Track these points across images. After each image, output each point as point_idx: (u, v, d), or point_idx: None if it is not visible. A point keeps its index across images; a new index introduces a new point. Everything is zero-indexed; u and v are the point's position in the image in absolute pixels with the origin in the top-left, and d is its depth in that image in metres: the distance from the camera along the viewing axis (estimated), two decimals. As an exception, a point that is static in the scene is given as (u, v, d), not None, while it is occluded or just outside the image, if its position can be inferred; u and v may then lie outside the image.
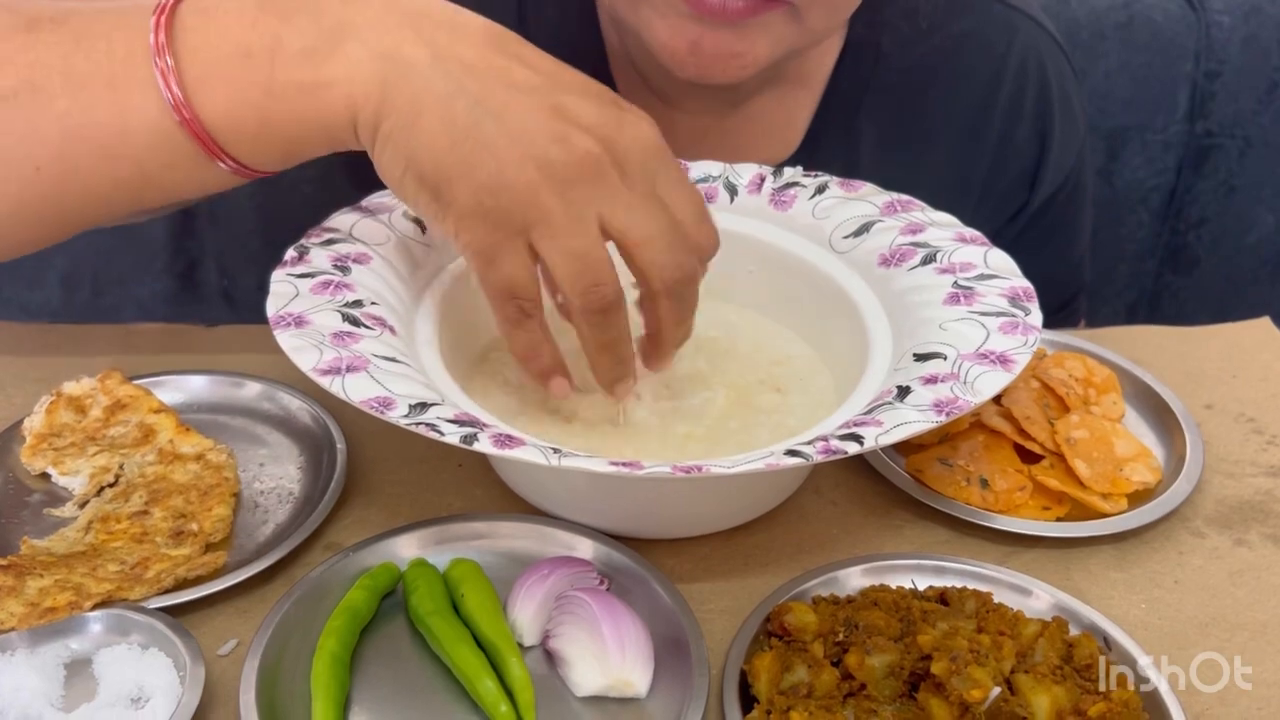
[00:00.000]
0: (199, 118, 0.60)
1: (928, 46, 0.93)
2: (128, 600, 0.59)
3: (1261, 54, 1.27)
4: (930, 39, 0.93)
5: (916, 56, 0.93)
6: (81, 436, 0.70)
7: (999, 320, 0.65)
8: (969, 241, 0.72)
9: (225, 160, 0.62)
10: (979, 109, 0.95)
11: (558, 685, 0.56)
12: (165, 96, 0.60)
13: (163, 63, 0.60)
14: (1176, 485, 0.69)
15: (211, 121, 0.61)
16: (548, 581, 0.59)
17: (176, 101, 0.60)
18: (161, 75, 0.60)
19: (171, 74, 0.60)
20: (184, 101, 0.60)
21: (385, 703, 0.55)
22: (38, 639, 0.57)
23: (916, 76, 0.93)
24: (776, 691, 0.54)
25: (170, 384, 0.74)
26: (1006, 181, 0.97)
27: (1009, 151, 0.96)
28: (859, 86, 0.93)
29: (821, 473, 0.70)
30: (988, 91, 0.94)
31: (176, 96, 0.60)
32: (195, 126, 0.61)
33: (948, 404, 0.59)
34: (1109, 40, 1.26)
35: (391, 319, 0.65)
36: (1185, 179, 1.32)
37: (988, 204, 0.96)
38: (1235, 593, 0.64)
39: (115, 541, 0.63)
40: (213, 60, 0.60)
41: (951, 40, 0.93)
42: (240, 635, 0.59)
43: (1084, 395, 0.74)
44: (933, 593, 0.60)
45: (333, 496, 0.66)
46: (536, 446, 0.56)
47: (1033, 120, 0.96)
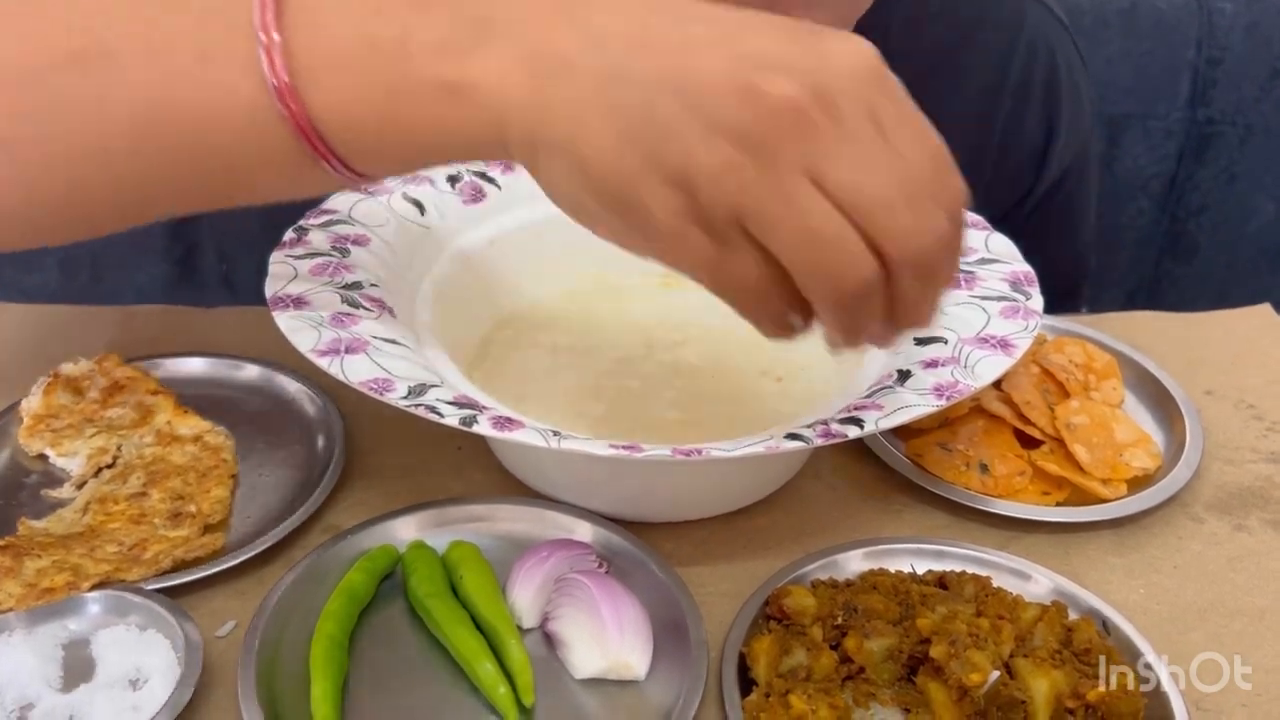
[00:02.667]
0: (307, 112, 0.50)
1: (937, 31, 0.93)
2: (126, 581, 0.59)
3: (1264, 41, 1.27)
4: (940, 23, 0.93)
5: (926, 42, 0.93)
6: (79, 418, 0.70)
7: (1000, 305, 0.65)
8: (970, 226, 0.72)
9: (332, 163, 0.52)
10: (989, 92, 0.95)
11: (557, 667, 0.56)
12: (268, 80, 0.49)
13: (268, 39, 0.49)
14: (1176, 471, 0.69)
15: (322, 118, 0.50)
16: (547, 564, 0.59)
17: (281, 87, 0.49)
18: (265, 54, 0.49)
19: (278, 53, 0.49)
20: (290, 89, 0.49)
21: (384, 684, 0.55)
22: (35, 620, 0.56)
23: (927, 61, 0.93)
24: (775, 674, 0.54)
25: (168, 365, 0.74)
26: (1014, 163, 0.97)
27: (1018, 134, 0.96)
28: None
29: (821, 457, 0.70)
30: (997, 75, 0.94)
31: (282, 82, 0.49)
32: (302, 121, 0.50)
33: (948, 388, 0.59)
34: (1111, 27, 1.25)
35: (390, 301, 0.65)
36: (1186, 166, 1.32)
37: (996, 187, 0.96)
38: (1234, 578, 0.64)
39: (113, 523, 0.63)
40: (328, 47, 0.50)
41: (961, 24, 0.94)
42: (239, 617, 0.59)
43: (1084, 381, 0.74)
44: (932, 577, 0.60)
45: (331, 478, 0.66)
46: (535, 429, 0.55)
47: (1041, 103, 0.96)
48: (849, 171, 0.45)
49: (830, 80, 0.45)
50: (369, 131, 0.51)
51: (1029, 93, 0.95)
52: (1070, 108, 0.97)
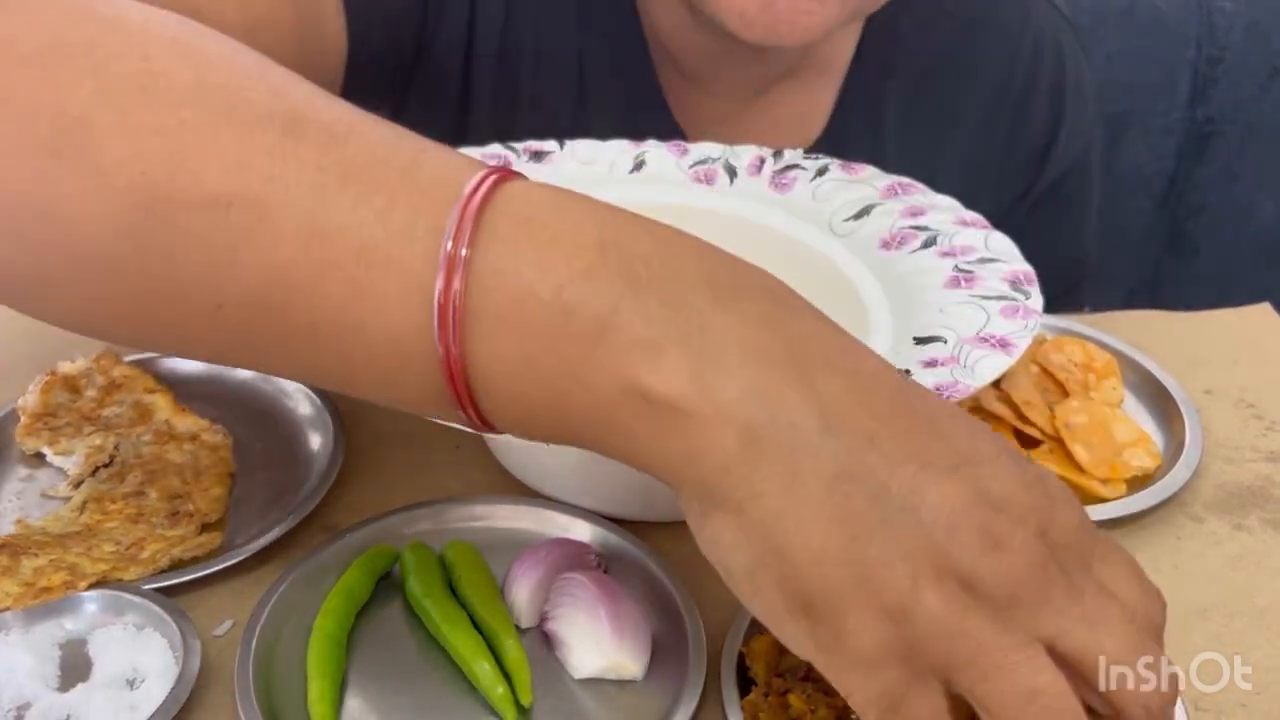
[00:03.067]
0: (466, 365, 0.42)
1: (945, 30, 0.93)
2: (123, 580, 0.58)
3: (1263, 40, 1.27)
4: (948, 22, 0.93)
5: (935, 40, 0.93)
6: (76, 416, 0.70)
7: (999, 304, 0.65)
8: (970, 225, 0.72)
9: (469, 414, 0.44)
10: (996, 89, 0.95)
11: (555, 667, 0.56)
12: (433, 322, 0.42)
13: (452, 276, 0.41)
14: (1176, 470, 0.69)
15: (479, 370, 0.42)
16: (545, 563, 0.59)
17: (445, 337, 0.41)
18: (444, 289, 0.41)
19: (457, 295, 0.41)
20: (456, 344, 0.42)
21: (382, 684, 0.55)
22: (32, 619, 0.56)
23: (935, 60, 0.94)
24: (774, 674, 0.54)
25: (166, 364, 0.74)
26: (1019, 159, 0.97)
27: (1023, 129, 0.96)
28: (880, 71, 0.93)
29: (820, 456, 0.70)
30: (1004, 72, 0.95)
31: (448, 334, 0.41)
32: (455, 366, 0.42)
33: (947, 387, 0.59)
34: (1111, 25, 1.25)
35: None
36: (1186, 165, 1.32)
37: (1002, 184, 0.97)
38: (1234, 578, 0.64)
39: (110, 522, 0.62)
40: (512, 297, 0.41)
41: (968, 23, 0.94)
42: (236, 616, 0.59)
43: (1083, 380, 0.74)
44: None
45: (329, 478, 0.65)
46: (534, 428, 0.55)
47: (1047, 100, 0.96)
48: (1086, 633, 0.41)
49: (1059, 535, 0.41)
50: (529, 407, 0.43)
51: (1035, 92, 0.96)
52: (1075, 106, 0.97)
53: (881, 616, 0.39)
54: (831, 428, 0.40)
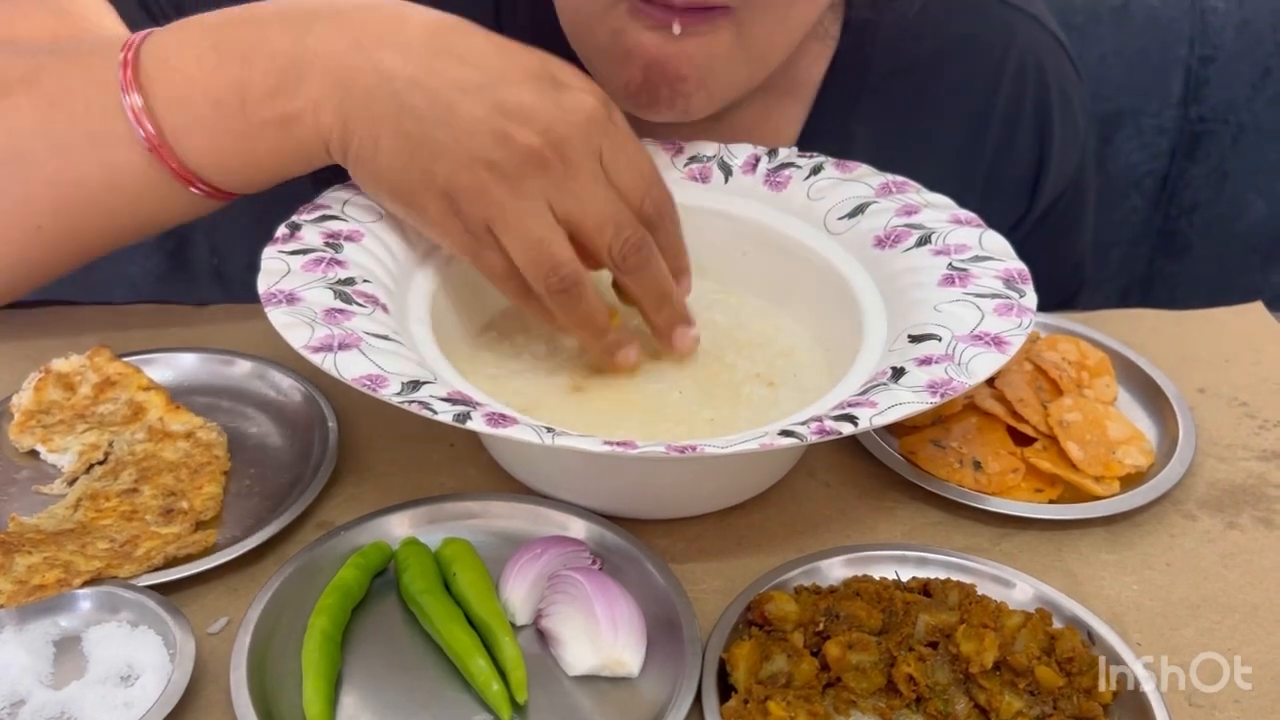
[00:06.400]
0: (184, 164, 0.67)
1: (922, 50, 0.90)
2: (117, 578, 0.58)
3: (1255, 40, 1.27)
4: (925, 43, 0.90)
5: (910, 61, 0.90)
6: (70, 414, 0.69)
7: (994, 302, 0.65)
8: (964, 223, 0.72)
9: (215, 196, 0.69)
10: (976, 115, 0.92)
11: (550, 664, 0.56)
12: (145, 147, 0.66)
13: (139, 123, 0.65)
14: (1169, 468, 0.69)
15: (197, 164, 0.67)
16: (540, 561, 0.59)
17: (152, 143, 0.66)
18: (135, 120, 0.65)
19: (145, 117, 0.65)
20: (166, 148, 0.66)
21: (377, 681, 0.55)
22: (26, 616, 0.56)
23: (911, 81, 0.90)
24: (755, 681, 0.54)
25: (160, 361, 0.74)
26: (1005, 190, 0.94)
27: (1007, 158, 0.93)
28: (851, 93, 0.90)
29: (815, 454, 0.70)
30: (985, 96, 0.92)
31: (153, 139, 0.66)
32: (182, 173, 0.67)
33: (942, 385, 0.59)
34: (1104, 24, 1.25)
35: (384, 297, 0.65)
36: (1178, 164, 1.32)
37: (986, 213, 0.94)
38: (1226, 575, 0.64)
39: (105, 519, 0.62)
40: (186, 111, 0.66)
41: (947, 44, 0.91)
42: (231, 613, 0.59)
43: (1077, 378, 0.74)
44: (916, 584, 0.59)
45: (324, 475, 0.65)
46: (530, 426, 0.55)
47: (1032, 126, 0.93)
48: (573, 203, 0.62)
49: (564, 130, 0.62)
50: (235, 167, 0.68)
51: (1019, 114, 0.92)
52: (1063, 130, 0.94)
53: (439, 196, 0.63)
54: (386, 83, 0.63)
